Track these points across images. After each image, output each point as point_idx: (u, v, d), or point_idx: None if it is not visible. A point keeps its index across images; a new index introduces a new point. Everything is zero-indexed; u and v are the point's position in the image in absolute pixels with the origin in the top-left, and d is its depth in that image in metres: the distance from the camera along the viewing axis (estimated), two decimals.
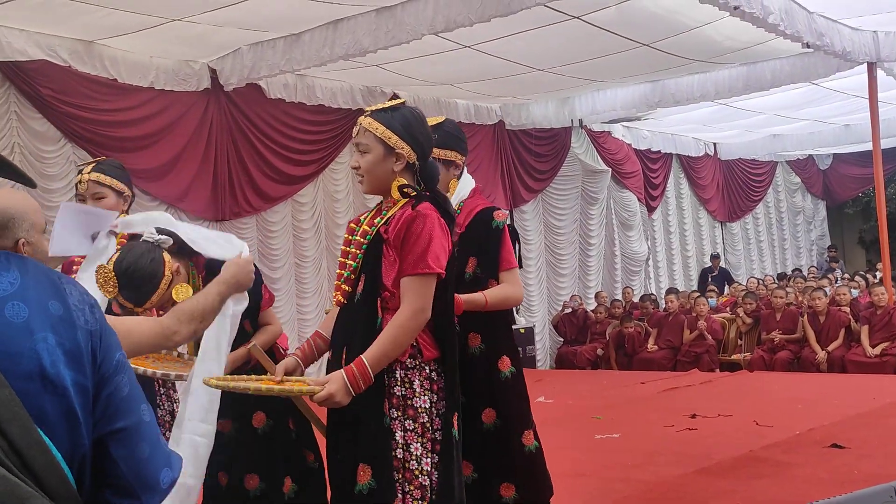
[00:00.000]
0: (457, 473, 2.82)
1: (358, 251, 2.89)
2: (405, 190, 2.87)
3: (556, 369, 12.64)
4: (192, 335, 2.49)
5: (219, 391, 3.00)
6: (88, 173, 3.82)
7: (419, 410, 2.78)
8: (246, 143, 9.59)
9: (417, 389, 2.79)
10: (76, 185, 3.89)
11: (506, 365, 3.46)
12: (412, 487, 2.74)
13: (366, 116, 2.90)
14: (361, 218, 3.04)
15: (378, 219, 2.90)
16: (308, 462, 3.48)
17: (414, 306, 2.72)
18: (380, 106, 2.95)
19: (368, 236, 2.88)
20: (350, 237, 2.99)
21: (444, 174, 3.49)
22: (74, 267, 3.90)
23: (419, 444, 2.76)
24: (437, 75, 10.26)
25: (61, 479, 1.35)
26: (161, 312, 3.64)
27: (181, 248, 3.28)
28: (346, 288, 2.90)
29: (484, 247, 3.49)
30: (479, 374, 3.39)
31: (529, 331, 12.16)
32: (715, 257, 16.61)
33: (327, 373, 3.00)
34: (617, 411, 8.01)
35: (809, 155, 19.37)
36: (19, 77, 7.82)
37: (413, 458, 2.74)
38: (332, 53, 8.18)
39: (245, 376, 2.96)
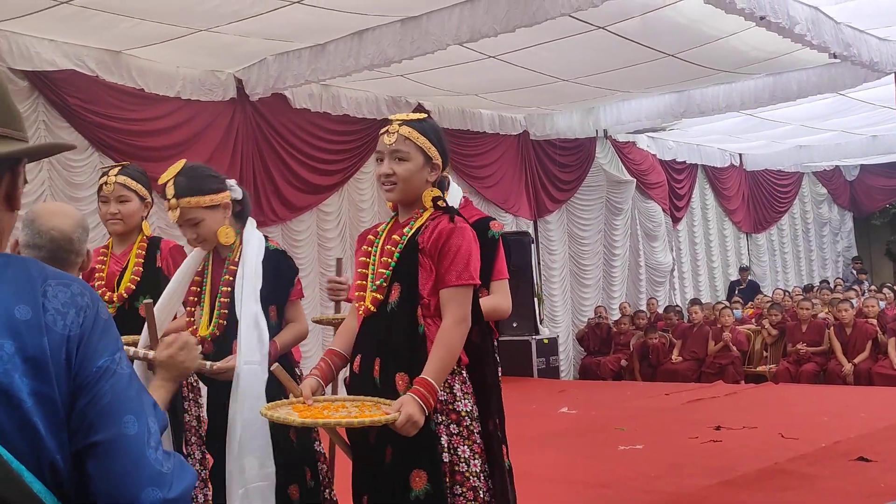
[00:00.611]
0: (508, 475, 2.88)
1: (389, 259, 2.90)
2: (439, 202, 2.91)
3: (579, 380, 12.60)
4: None
5: (266, 427, 3.09)
6: (115, 175, 3.86)
7: (462, 414, 2.84)
8: (271, 153, 9.65)
9: (458, 394, 2.85)
10: (101, 186, 3.92)
11: None
12: (464, 489, 2.79)
13: (403, 125, 2.91)
14: (380, 229, 3.05)
15: (407, 228, 2.92)
16: (306, 479, 3.47)
17: (457, 316, 2.78)
18: (412, 116, 2.98)
19: (400, 245, 2.89)
20: (370, 248, 3.00)
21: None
22: (96, 273, 3.95)
23: (466, 447, 2.81)
24: (461, 85, 10.29)
25: (25, 493, 1.30)
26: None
27: (241, 212, 3.46)
28: (378, 296, 2.89)
29: None
30: None
31: (553, 341, 12.12)
32: (744, 269, 16.49)
33: (348, 387, 3.01)
34: (640, 422, 7.96)
35: (836, 166, 19.22)
36: (47, 87, 7.91)
37: (462, 460, 2.80)
38: (356, 63, 8.22)
39: (290, 402, 2.88)
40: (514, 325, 11.67)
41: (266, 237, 3.47)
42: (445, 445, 2.79)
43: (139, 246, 3.91)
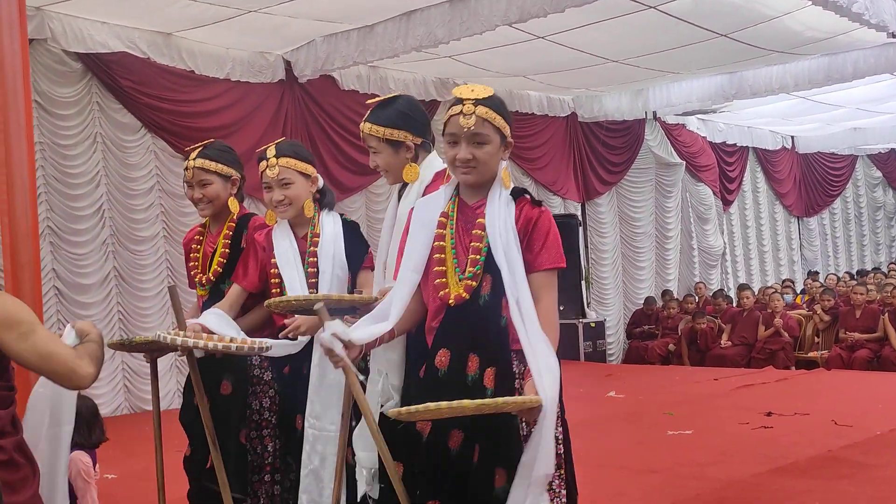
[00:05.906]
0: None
1: (480, 245, 2.72)
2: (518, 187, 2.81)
3: (626, 364, 12.51)
4: (94, 378, 2.57)
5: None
6: (194, 160, 3.72)
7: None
8: (321, 134, 9.67)
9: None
10: (184, 171, 3.80)
11: None
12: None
13: (479, 105, 2.78)
14: (449, 211, 2.84)
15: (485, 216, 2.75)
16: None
17: (554, 298, 2.70)
18: (483, 94, 2.83)
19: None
20: (444, 231, 2.80)
21: (394, 158, 3.36)
22: (192, 254, 3.89)
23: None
24: (509, 67, 10.22)
25: None
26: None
27: (321, 200, 3.73)
28: (473, 284, 2.70)
29: None
30: None
31: (600, 325, 12.04)
32: None
33: (420, 383, 2.79)
34: (689, 408, 7.89)
35: (892, 148, 18.80)
36: (101, 69, 8.01)
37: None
38: (405, 45, 8.20)
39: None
40: (561, 308, 11.60)
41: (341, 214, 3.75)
42: (560, 437, 2.76)
43: (227, 227, 3.77)
